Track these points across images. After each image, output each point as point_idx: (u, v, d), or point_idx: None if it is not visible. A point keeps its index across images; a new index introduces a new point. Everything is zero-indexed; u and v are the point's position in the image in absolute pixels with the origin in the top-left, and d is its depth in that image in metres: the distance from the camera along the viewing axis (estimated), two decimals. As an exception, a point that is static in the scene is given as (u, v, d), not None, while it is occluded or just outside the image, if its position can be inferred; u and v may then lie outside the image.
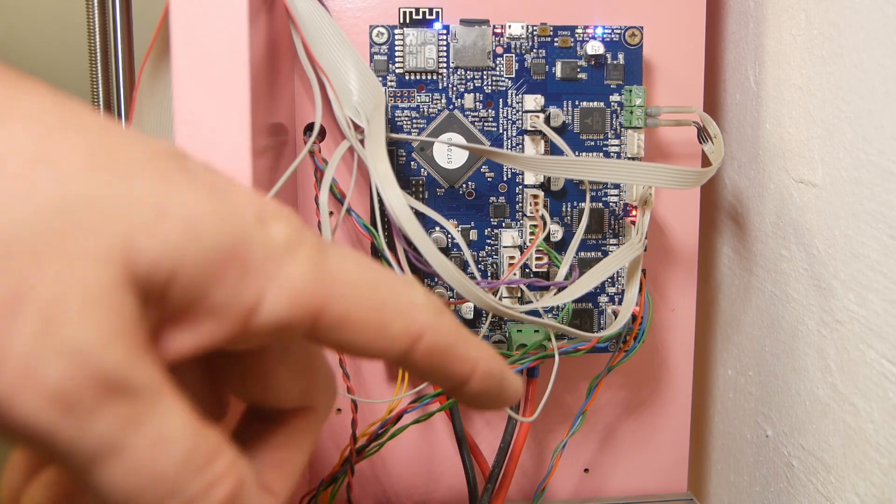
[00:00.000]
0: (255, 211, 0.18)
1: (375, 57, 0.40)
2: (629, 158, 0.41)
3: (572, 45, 0.41)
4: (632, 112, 0.40)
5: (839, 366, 0.35)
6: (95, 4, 0.44)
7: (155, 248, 0.16)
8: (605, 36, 0.41)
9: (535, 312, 0.39)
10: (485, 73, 0.41)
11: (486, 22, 0.40)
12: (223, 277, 0.17)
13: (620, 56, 0.41)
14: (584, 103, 0.41)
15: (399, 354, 0.21)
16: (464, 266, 0.41)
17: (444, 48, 0.40)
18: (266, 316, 0.18)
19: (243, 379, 0.21)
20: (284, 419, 0.22)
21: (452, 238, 0.41)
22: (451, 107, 0.41)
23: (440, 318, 0.21)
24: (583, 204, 0.41)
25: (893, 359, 0.31)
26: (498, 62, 0.41)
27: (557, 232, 0.41)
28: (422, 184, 0.41)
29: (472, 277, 0.38)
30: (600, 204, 0.42)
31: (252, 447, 0.19)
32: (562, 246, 0.41)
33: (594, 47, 0.40)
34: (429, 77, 0.40)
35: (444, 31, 0.40)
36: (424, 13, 0.40)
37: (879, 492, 0.33)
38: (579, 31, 0.41)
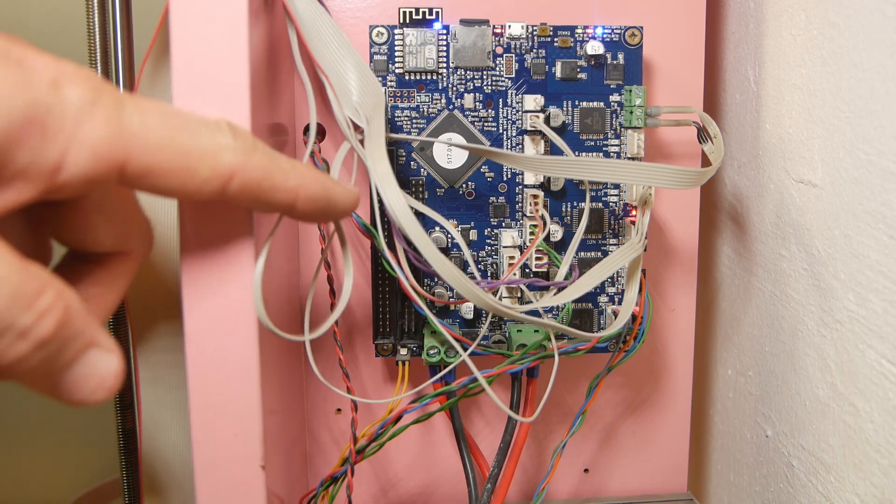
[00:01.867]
0: (50, 76, 0.20)
1: (375, 57, 0.40)
2: (629, 158, 0.41)
3: (572, 45, 0.41)
4: (632, 112, 0.40)
5: (839, 366, 0.35)
6: (95, 4, 0.44)
7: None
8: (605, 36, 0.41)
9: (535, 312, 0.39)
10: (485, 73, 0.41)
11: (486, 22, 0.40)
12: (23, 142, 0.19)
13: (620, 56, 0.41)
14: (584, 103, 0.41)
15: (212, 194, 0.23)
16: (464, 266, 0.41)
17: (444, 48, 0.40)
18: (70, 173, 0.20)
19: (63, 225, 0.24)
20: (101, 261, 0.25)
21: (452, 238, 0.41)
22: (450, 107, 0.41)
23: (250, 156, 0.24)
24: (583, 204, 0.41)
25: (893, 359, 0.31)
26: (498, 62, 0.41)
27: (557, 232, 0.41)
28: (422, 184, 0.41)
29: (472, 277, 0.38)
30: (600, 204, 0.42)
31: (70, 284, 0.21)
32: (562, 246, 0.41)
33: (594, 47, 0.40)
34: (429, 77, 0.40)
35: (444, 31, 0.40)
36: (424, 13, 0.40)
37: (879, 492, 0.33)
38: (579, 31, 0.41)
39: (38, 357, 0.19)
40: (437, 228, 0.41)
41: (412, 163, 0.41)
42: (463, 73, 0.40)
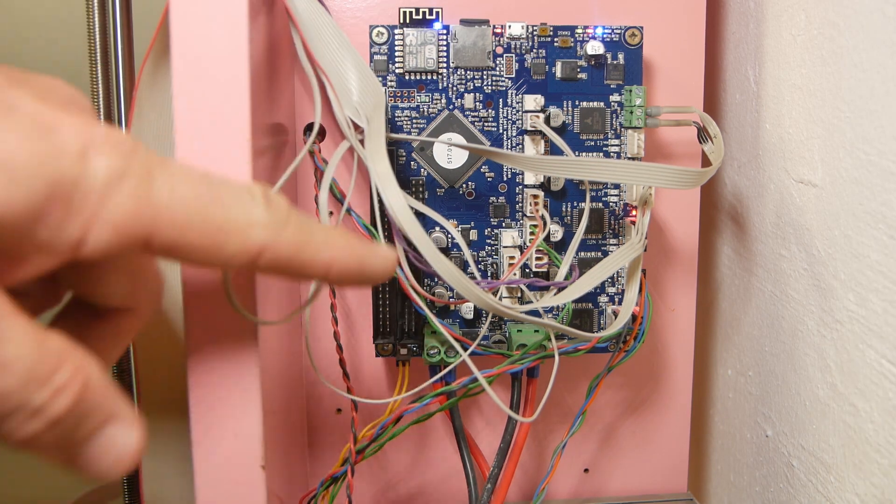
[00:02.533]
0: (79, 147, 0.19)
1: (375, 57, 0.40)
2: (629, 158, 0.41)
3: (572, 45, 0.41)
4: (632, 112, 0.40)
5: (839, 366, 0.35)
6: (95, 4, 0.44)
7: None
8: (605, 36, 0.41)
9: (535, 312, 0.39)
10: (485, 73, 0.41)
11: (486, 22, 0.40)
12: (46, 217, 0.18)
13: (620, 56, 0.41)
14: (584, 103, 0.41)
15: (241, 267, 0.22)
16: (464, 266, 0.41)
17: (444, 48, 0.40)
18: (91, 248, 0.19)
19: (77, 279, 0.23)
20: (108, 316, 0.24)
21: (452, 238, 0.41)
22: (451, 107, 0.41)
23: (281, 232, 0.22)
24: (583, 204, 0.41)
25: (893, 359, 0.31)
26: (498, 62, 0.41)
27: (557, 232, 0.41)
28: (422, 184, 0.41)
29: (472, 277, 0.38)
30: (600, 204, 0.42)
31: (72, 335, 0.20)
32: (562, 246, 0.41)
33: (594, 47, 0.40)
34: (429, 77, 0.40)
35: (444, 31, 0.40)
36: (424, 13, 0.40)
37: (879, 492, 0.33)
38: (579, 31, 0.41)
39: (52, 435, 0.19)
40: (437, 228, 0.41)
41: (412, 163, 0.41)
42: (463, 73, 0.40)
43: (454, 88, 0.41)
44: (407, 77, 0.40)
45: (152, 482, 0.41)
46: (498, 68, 0.41)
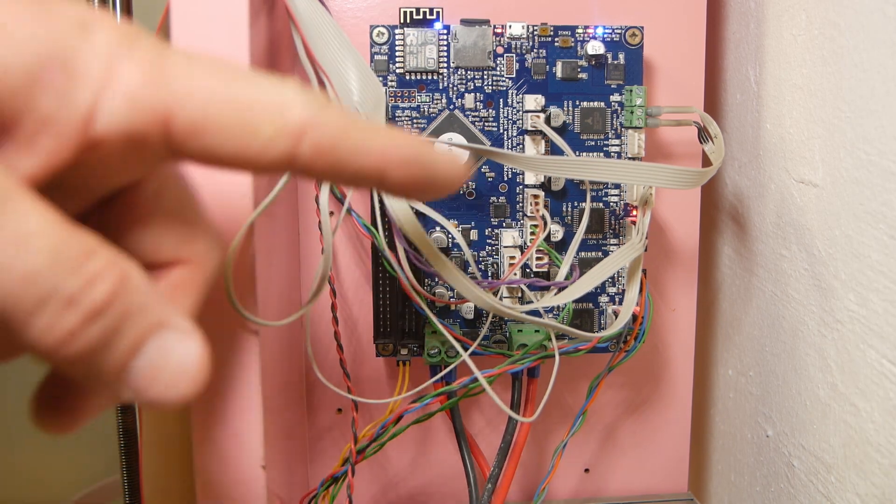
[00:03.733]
0: (77, 18, 0.17)
1: (376, 57, 0.40)
2: (629, 158, 0.41)
3: (573, 45, 0.41)
4: (632, 112, 0.40)
5: (839, 366, 0.35)
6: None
7: None
8: (605, 36, 0.41)
9: (535, 312, 0.39)
10: (485, 73, 0.41)
11: (486, 22, 0.40)
12: (48, 84, 0.16)
13: (621, 56, 0.41)
14: (585, 103, 0.41)
15: (281, 159, 0.18)
16: (464, 266, 0.41)
17: (445, 48, 0.40)
18: (105, 124, 0.17)
19: (117, 230, 0.20)
20: (161, 274, 0.21)
21: (453, 238, 0.41)
22: (451, 107, 0.41)
23: (324, 112, 0.19)
24: (583, 204, 0.41)
25: (894, 359, 0.31)
26: (498, 62, 0.41)
27: (558, 232, 0.41)
28: (422, 184, 0.41)
29: (473, 277, 0.38)
30: (601, 204, 0.42)
31: None
32: (562, 246, 0.41)
33: (594, 47, 0.40)
34: (429, 77, 0.40)
35: (445, 31, 0.40)
36: (425, 13, 0.40)
37: (880, 492, 0.33)
38: (580, 31, 0.41)
39: (93, 334, 0.16)
40: (438, 228, 0.41)
41: (412, 163, 0.41)
42: (463, 72, 0.40)
43: (455, 88, 0.41)
44: (407, 77, 0.40)
45: (152, 482, 0.41)
46: (498, 68, 0.41)
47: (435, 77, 0.40)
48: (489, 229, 0.42)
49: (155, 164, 0.20)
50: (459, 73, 0.40)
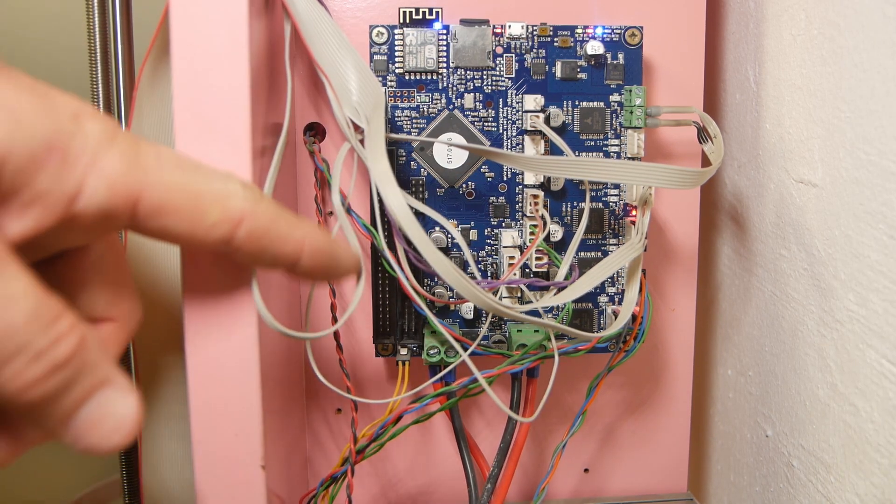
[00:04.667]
0: (72, 110, 0.21)
1: (375, 57, 0.40)
2: (629, 158, 0.41)
3: (572, 45, 0.41)
4: (632, 112, 0.40)
5: (839, 366, 0.35)
6: (95, 4, 0.44)
7: None
8: (605, 36, 0.41)
9: (535, 312, 0.39)
10: (485, 73, 0.41)
11: (486, 22, 0.40)
12: (46, 165, 0.20)
13: (620, 56, 0.41)
14: (584, 103, 0.41)
15: (221, 240, 0.23)
16: (464, 266, 0.41)
17: (444, 48, 0.40)
18: (86, 202, 0.20)
19: (61, 283, 0.24)
20: (92, 324, 0.24)
21: (452, 238, 0.41)
22: (451, 107, 0.41)
23: (258, 204, 0.24)
24: (583, 204, 0.41)
25: (893, 359, 0.31)
26: (498, 62, 0.41)
27: (557, 232, 0.41)
28: (422, 184, 0.41)
29: (472, 277, 0.38)
30: (600, 204, 0.42)
31: None
32: (562, 246, 0.41)
33: (594, 47, 0.40)
34: (429, 77, 0.40)
35: (444, 31, 0.40)
36: (424, 13, 0.40)
37: (880, 492, 0.33)
38: (579, 31, 0.41)
39: (51, 385, 0.19)
40: (437, 228, 0.41)
41: (412, 163, 0.41)
42: (463, 72, 0.40)
43: (454, 88, 0.41)
44: (407, 77, 0.40)
45: (152, 481, 0.41)
46: (498, 68, 0.41)
47: (434, 77, 0.40)
48: (489, 229, 0.42)
49: (110, 233, 0.24)
50: (459, 73, 0.40)
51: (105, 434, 0.20)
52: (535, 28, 0.40)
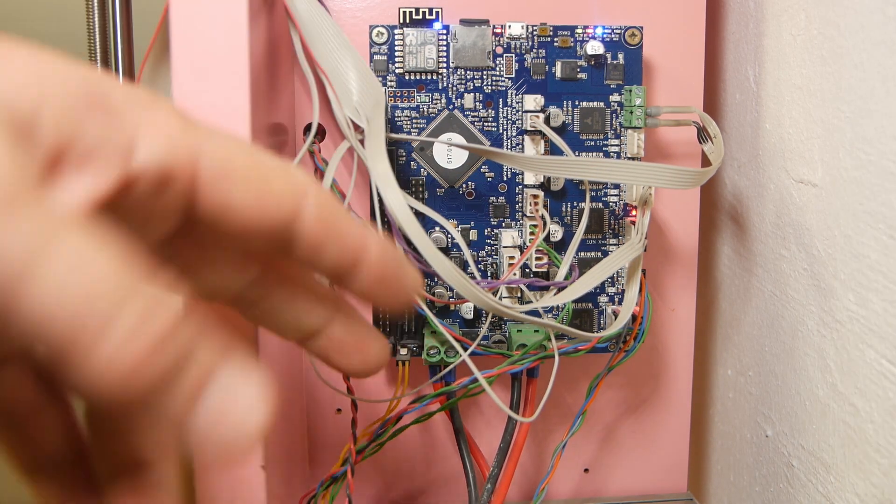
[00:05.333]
0: (103, 75, 0.18)
1: (375, 57, 0.40)
2: (629, 158, 0.41)
3: (572, 45, 0.41)
4: (632, 112, 0.40)
5: (839, 366, 0.35)
6: (95, 4, 0.44)
7: (16, 81, 0.16)
8: (605, 36, 0.41)
9: (535, 312, 0.39)
10: (485, 73, 0.41)
11: (486, 22, 0.40)
12: (90, 117, 0.17)
13: (620, 56, 0.41)
14: (584, 103, 0.41)
15: (289, 215, 0.20)
16: (464, 266, 0.41)
17: (444, 48, 0.40)
18: (143, 157, 0.18)
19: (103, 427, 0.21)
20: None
21: (452, 238, 0.41)
22: (450, 107, 0.41)
23: (322, 187, 0.21)
24: (583, 204, 0.41)
25: (893, 359, 0.31)
26: (498, 62, 0.41)
27: (557, 232, 0.41)
28: (422, 184, 0.41)
29: (472, 277, 0.38)
30: (600, 204, 0.42)
31: None
32: (562, 246, 0.41)
33: (594, 47, 0.40)
34: (429, 77, 0.40)
35: (444, 31, 0.40)
36: (424, 13, 0.40)
37: (879, 492, 0.33)
38: (579, 31, 0.41)
39: (162, 361, 0.15)
40: (437, 228, 0.41)
41: (412, 163, 0.41)
42: (463, 72, 0.40)
43: (454, 88, 0.41)
44: (407, 77, 0.40)
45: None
46: (498, 68, 0.41)
47: (434, 77, 0.40)
48: (488, 229, 0.42)
49: (173, 215, 0.20)
50: (459, 73, 0.40)
51: (231, 431, 0.17)
52: (535, 28, 0.41)
